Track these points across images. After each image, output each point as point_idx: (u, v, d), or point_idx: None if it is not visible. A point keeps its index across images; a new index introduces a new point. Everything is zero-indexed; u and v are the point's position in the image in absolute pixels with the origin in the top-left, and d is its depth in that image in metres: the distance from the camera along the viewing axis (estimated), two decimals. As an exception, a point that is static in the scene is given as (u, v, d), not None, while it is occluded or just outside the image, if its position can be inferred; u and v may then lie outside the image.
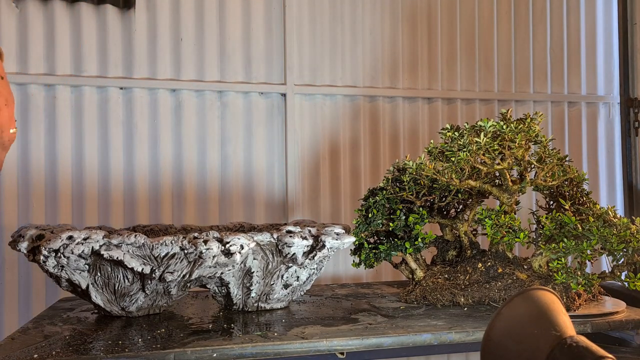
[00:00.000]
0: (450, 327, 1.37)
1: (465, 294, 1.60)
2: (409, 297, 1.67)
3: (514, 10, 2.59)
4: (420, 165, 1.58)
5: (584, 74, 2.66)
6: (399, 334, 1.32)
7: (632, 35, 2.66)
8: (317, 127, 2.36)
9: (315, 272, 1.61)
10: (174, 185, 2.21)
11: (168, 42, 2.21)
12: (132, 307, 1.48)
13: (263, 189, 2.29)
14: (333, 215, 2.35)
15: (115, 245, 1.38)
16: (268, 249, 1.52)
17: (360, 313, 1.55)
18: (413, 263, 1.69)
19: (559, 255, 1.47)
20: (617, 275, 1.51)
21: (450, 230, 1.76)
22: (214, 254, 1.40)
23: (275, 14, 2.33)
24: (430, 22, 2.49)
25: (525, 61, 2.59)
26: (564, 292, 1.50)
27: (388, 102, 2.44)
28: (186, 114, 2.22)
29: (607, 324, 1.44)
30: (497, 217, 1.54)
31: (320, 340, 1.27)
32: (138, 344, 1.24)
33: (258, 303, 1.58)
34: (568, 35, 2.65)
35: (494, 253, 1.63)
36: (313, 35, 2.36)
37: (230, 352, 1.21)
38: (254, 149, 2.29)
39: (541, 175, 1.60)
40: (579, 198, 1.65)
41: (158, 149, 2.19)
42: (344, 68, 2.39)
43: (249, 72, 2.29)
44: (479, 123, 1.56)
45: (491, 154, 1.54)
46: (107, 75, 2.16)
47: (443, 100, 2.49)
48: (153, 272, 1.41)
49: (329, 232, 1.56)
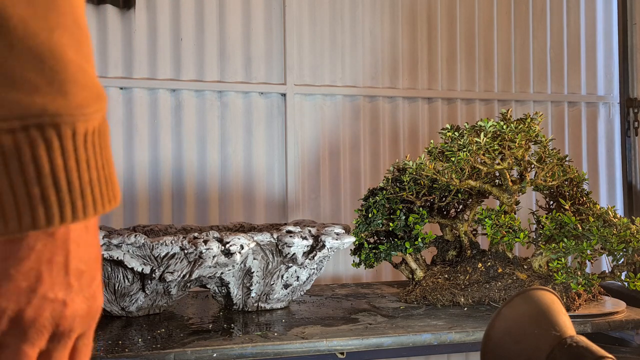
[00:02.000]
0: (450, 327, 1.37)
1: (465, 294, 1.60)
2: (409, 297, 1.67)
3: (514, 10, 2.59)
4: (420, 165, 1.58)
5: (583, 74, 2.66)
6: (399, 334, 1.32)
7: (632, 35, 2.66)
8: (317, 127, 2.36)
9: (315, 272, 1.61)
10: (174, 185, 2.21)
11: (168, 42, 2.21)
12: (132, 307, 1.48)
13: (263, 189, 2.29)
14: (333, 215, 2.35)
15: (115, 245, 1.38)
16: (268, 249, 1.52)
17: (360, 313, 1.55)
18: (413, 263, 1.69)
19: (559, 255, 1.47)
20: (617, 275, 1.51)
21: (450, 230, 1.76)
22: (214, 254, 1.40)
23: (275, 14, 2.33)
24: (430, 22, 2.49)
25: (525, 61, 2.59)
26: (564, 292, 1.50)
27: (388, 102, 2.44)
28: (186, 114, 2.22)
29: (607, 324, 1.44)
30: (497, 217, 1.54)
31: (320, 340, 1.27)
32: (138, 344, 1.24)
33: (258, 303, 1.58)
34: (568, 35, 2.65)
35: (494, 253, 1.63)
36: (313, 35, 2.36)
37: (230, 352, 1.21)
38: (254, 149, 2.29)
39: (541, 175, 1.60)
40: (579, 198, 1.65)
41: (158, 149, 2.19)
42: (344, 68, 2.39)
43: (249, 72, 2.29)
44: (479, 123, 1.56)
45: (491, 154, 1.54)
46: (107, 75, 2.16)
47: (443, 100, 2.49)
48: (153, 272, 1.41)
49: (329, 232, 1.56)
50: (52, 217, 0.44)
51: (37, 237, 0.45)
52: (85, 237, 0.48)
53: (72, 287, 0.47)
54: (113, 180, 0.50)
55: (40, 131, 0.44)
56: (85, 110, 0.46)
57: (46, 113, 0.44)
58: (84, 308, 0.48)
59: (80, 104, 0.46)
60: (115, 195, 0.50)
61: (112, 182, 0.50)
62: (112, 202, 0.49)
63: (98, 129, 0.48)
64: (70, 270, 0.47)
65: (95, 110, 0.47)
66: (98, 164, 0.48)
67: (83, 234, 0.48)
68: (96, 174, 0.47)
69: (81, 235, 0.47)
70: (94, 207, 0.47)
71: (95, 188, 0.47)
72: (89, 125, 0.47)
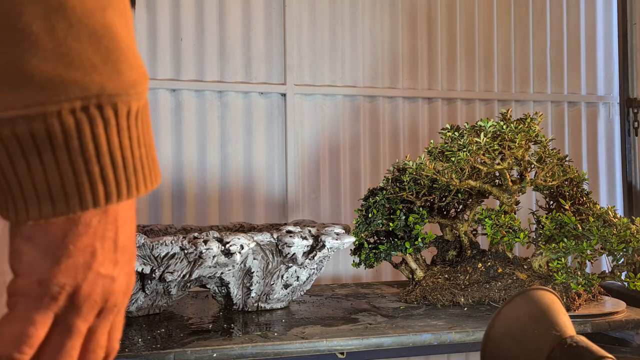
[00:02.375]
0: (450, 327, 1.37)
1: (465, 294, 1.60)
2: (409, 297, 1.67)
3: (514, 10, 2.59)
4: (420, 165, 1.58)
5: (583, 74, 2.66)
6: (399, 334, 1.32)
7: (632, 35, 2.66)
8: (317, 127, 2.36)
9: (315, 272, 1.61)
10: (174, 185, 2.21)
11: (168, 42, 2.21)
12: (132, 307, 1.48)
13: (263, 189, 2.29)
14: (333, 215, 2.35)
15: (115, 245, 1.38)
16: (268, 249, 1.52)
17: (360, 313, 1.55)
18: (413, 263, 1.69)
19: (559, 255, 1.47)
20: (617, 275, 1.51)
21: (450, 230, 1.76)
22: (214, 254, 1.40)
23: (275, 14, 2.33)
24: (430, 22, 2.49)
25: (525, 61, 2.59)
26: (564, 292, 1.50)
27: (388, 102, 2.44)
28: (186, 114, 2.22)
29: (607, 324, 1.44)
30: (497, 217, 1.54)
31: (320, 340, 1.27)
32: (138, 344, 1.24)
33: (258, 303, 1.58)
34: (568, 35, 2.65)
35: (494, 253, 1.63)
36: (313, 35, 2.36)
37: (230, 352, 1.21)
38: (254, 149, 2.29)
39: (541, 175, 1.60)
40: (579, 198, 1.65)
41: (158, 149, 2.19)
42: (344, 68, 2.39)
43: (249, 72, 2.29)
44: (479, 123, 1.56)
45: (491, 154, 1.54)
46: (107, 75, 2.15)
47: (443, 100, 2.49)
48: (153, 272, 1.41)
49: (329, 232, 1.56)
50: (111, 194, 0.45)
51: (93, 213, 0.46)
52: (129, 214, 0.49)
53: (119, 263, 0.48)
54: (155, 158, 0.51)
55: (100, 110, 0.44)
56: (137, 89, 0.47)
57: (105, 92, 0.45)
58: (125, 284, 0.49)
59: (132, 82, 0.46)
60: (158, 174, 0.51)
61: (155, 161, 0.51)
62: (157, 180, 0.50)
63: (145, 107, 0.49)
64: (119, 246, 0.48)
65: (144, 89, 0.48)
66: (146, 141, 0.49)
67: (129, 210, 0.49)
68: (145, 151, 0.49)
69: (127, 211, 0.48)
70: (145, 184, 0.48)
71: (145, 165, 0.48)
72: (140, 103, 0.48)
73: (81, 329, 0.47)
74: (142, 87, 0.48)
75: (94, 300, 0.47)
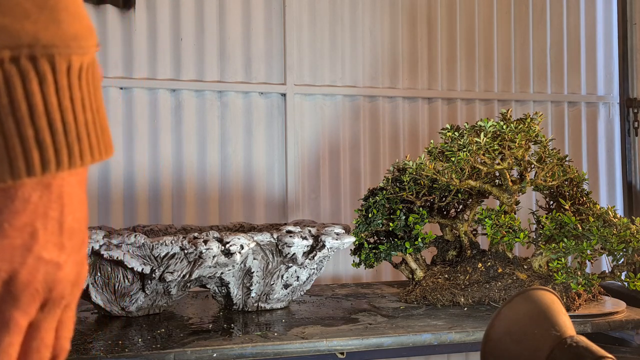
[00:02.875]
0: (450, 327, 1.37)
1: (465, 294, 1.60)
2: (409, 297, 1.67)
3: (514, 10, 2.59)
4: (420, 165, 1.58)
5: (583, 74, 2.66)
6: (399, 334, 1.32)
7: (631, 35, 2.66)
8: (317, 127, 2.36)
9: (315, 272, 1.61)
10: (174, 185, 2.21)
11: (168, 42, 2.21)
12: (132, 307, 1.48)
13: (263, 189, 2.29)
14: (333, 215, 2.35)
15: (115, 245, 1.38)
16: (268, 249, 1.52)
17: (360, 313, 1.55)
18: (413, 263, 1.69)
19: (559, 255, 1.47)
20: (617, 275, 1.51)
21: (450, 230, 1.76)
22: (214, 254, 1.40)
23: (275, 14, 2.33)
24: (430, 22, 2.49)
25: (525, 61, 2.59)
26: (564, 292, 1.50)
27: (388, 102, 2.44)
28: (186, 114, 2.22)
29: (607, 324, 1.44)
30: (497, 217, 1.54)
31: (320, 340, 1.27)
32: (138, 344, 1.24)
33: (258, 303, 1.58)
34: (568, 35, 2.65)
35: (494, 253, 1.63)
36: (313, 35, 2.36)
37: (230, 352, 1.21)
38: (254, 149, 2.29)
39: (541, 175, 1.60)
40: (579, 198, 1.65)
41: (158, 149, 2.19)
42: (344, 68, 2.39)
43: (249, 72, 2.29)
44: (479, 123, 1.56)
45: (491, 154, 1.54)
46: (107, 76, 2.15)
47: (443, 100, 2.49)
48: (153, 272, 1.41)
49: (329, 232, 1.56)
50: (48, 162, 0.39)
51: (32, 187, 0.40)
52: (78, 192, 0.43)
53: (65, 249, 0.42)
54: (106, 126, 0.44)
55: (33, 63, 0.38)
56: (80, 43, 0.41)
57: (39, 42, 0.38)
58: (74, 274, 0.43)
59: (74, 34, 0.40)
60: (109, 144, 0.45)
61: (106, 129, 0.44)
62: (108, 151, 0.44)
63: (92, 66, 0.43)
64: (65, 228, 0.42)
65: (90, 45, 0.42)
66: (92, 105, 0.43)
67: (76, 188, 0.42)
68: (91, 116, 0.42)
69: (74, 189, 0.42)
70: (91, 153, 0.42)
71: (92, 132, 0.42)
72: (85, 59, 0.41)
73: (20, 323, 0.40)
74: (87, 42, 0.41)
75: (35, 289, 0.40)
